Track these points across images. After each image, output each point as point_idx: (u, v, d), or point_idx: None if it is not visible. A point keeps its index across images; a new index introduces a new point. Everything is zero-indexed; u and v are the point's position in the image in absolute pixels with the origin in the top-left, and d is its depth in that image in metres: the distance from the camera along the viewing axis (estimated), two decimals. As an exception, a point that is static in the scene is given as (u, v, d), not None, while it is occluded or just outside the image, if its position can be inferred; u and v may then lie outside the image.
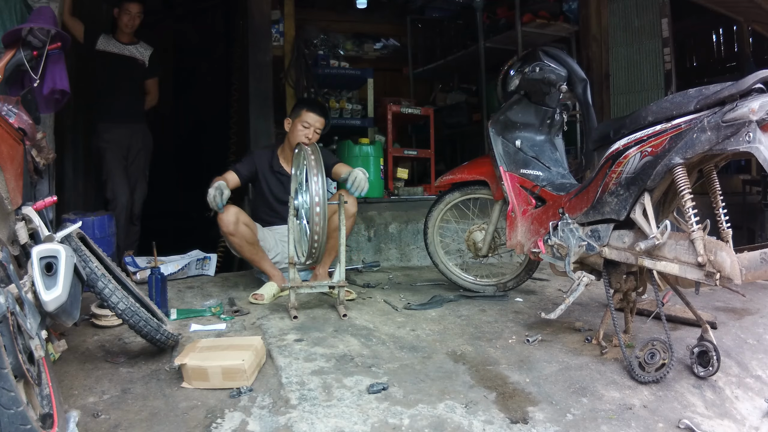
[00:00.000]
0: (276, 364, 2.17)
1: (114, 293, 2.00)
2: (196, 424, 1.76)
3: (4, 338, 1.33)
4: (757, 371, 2.29)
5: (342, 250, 2.83)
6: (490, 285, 3.19)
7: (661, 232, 2.05)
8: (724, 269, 1.88)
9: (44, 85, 2.47)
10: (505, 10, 5.38)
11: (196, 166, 7.16)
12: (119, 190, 4.08)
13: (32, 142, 2.12)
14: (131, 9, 4.02)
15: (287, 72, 4.34)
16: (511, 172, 2.82)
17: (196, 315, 2.72)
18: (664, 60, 4.78)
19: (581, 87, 2.66)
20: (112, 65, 4.05)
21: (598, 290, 3.01)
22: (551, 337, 2.51)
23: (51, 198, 2.01)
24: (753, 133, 1.79)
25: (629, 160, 2.18)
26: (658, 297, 2.18)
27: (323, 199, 2.53)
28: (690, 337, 2.41)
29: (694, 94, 2.01)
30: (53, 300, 1.54)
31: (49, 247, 1.59)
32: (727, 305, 2.99)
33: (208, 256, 3.69)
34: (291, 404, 1.87)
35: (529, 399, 1.98)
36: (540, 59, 2.70)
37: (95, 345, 2.34)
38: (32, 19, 2.48)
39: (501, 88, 2.97)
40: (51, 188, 2.41)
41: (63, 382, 1.95)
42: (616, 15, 5.10)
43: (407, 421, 1.80)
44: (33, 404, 1.45)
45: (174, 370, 2.07)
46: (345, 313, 2.72)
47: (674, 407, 1.97)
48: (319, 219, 2.52)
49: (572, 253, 2.39)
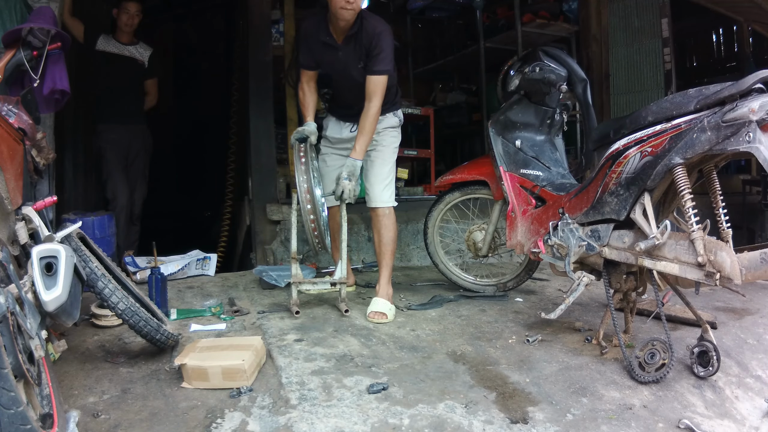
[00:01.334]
0: (276, 364, 2.17)
1: (114, 293, 2.00)
2: (196, 424, 1.76)
3: (4, 338, 1.33)
4: (757, 371, 2.29)
5: (344, 246, 2.84)
6: (490, 285, 3.19)
7: (661, 232, 2.05)
8: (724, 269, 1.88)
9: (44, 85, 2.47)
10: (505, 10, 5.38)
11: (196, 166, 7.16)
12: (119, 190, 4.09)
13: (32, 142, 2.12)
14: (130, 8, 4.02)
15: (287, 72, 4.33)
16: (511, 172, 2.82)
17: (196, 315, 2.72)
18: (664, 60, 4.78)
19: (581, 87, 2.66)
20: (112, 65, 4.06)
21: (598, 290, 3.01)
22: (551, 337, 2.51)
23: (51, 198, 2.01)
24: (753, 133, 1.79)
25: (629, 160, 2.18)
26: (658, 297, 2.18)
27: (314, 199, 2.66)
28: (690, 337, 2.41)
29: (694, 94, 2.01)
30: (53, 300, 1.54)
31: (49, 247, 1.59)
32: (727, 305, 2.99)
33: (208, 256, 3.69)
34: (291, 404, 1.87)
35: (529, 399, 1.98)
36: (540, 59, 2.71)
37: (95, 345, 2.34)
38: (32, 19, 2.48)
39: (501, 88, 2.97)
40: (51, 188, 2.41)
41: (63, 382, 1.95)
42: (616, 15, 5.10)
43: (407, 421, 1.80)
44: (33, 404, 1.45)
45: (174, 370, 2.07)
46: (347, 309, 2.75)
47: (674, 407, 1.97)
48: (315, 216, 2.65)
49: (572, 253, 2.39)
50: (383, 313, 2.74)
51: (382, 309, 2.75)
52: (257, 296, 3.11)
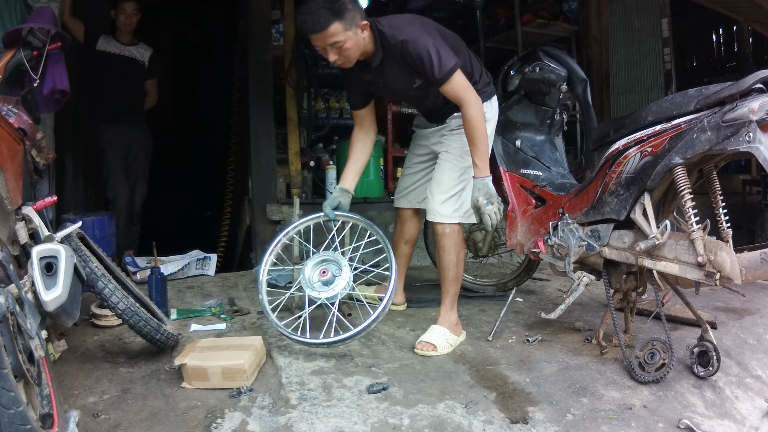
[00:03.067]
0: (276, 364, 2.17)
1: (114, 293, 2.00)
2: (196, 424, 1.76)
3: (4, 338, 1.33)
4: (757, 371, 2.29)
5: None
6: (490, 285, 3.19)
7: (661, 232, 2.05)
8: (724, 269, 1.88)
9: (44, 85, 2.47)
10: (505, 10, 5.37)
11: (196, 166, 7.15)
12: (119, 190, 4.10)
13: (32, 142, 2.12)
14: (126, 8, 4.03)
15: (287, 72, 4.33)
16: (511, 172, 2.82)
17: (196, 315, 2.72)
18: (664, 60, 4.77)
19: (581, 87, 2.66)
20: (112, 66, 4.06)
21: (598, 290, 3.00)
22: (551, 337, 2.51)
23: (51, 198, 2.00)
24: (753, 133, 1.79)
25: (629, 160, 2.18)
26: (658, 297, 2.18)
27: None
28: (690, 337, 2.41)
29: (694, 94, 2.01)
30: (53, 300, 1.53)
31: (49, 247, 1.59)
32: (727, 305, 2.99)
33: (208, 256, 3.69)
34: (291, 404, 1.87)
35: (529, 399, 1.98)
36: (540, 59, 2.71)
37: (95, 345, 2.34)
38: (32, 19, 2.48)
39: (501, 88, 2.97)
40: (51, 188, 2.41)
41: (63, 382, 1.95)
42: (616, 15, 5.10)
43: (407, 421, 1.80)
44: (33, 404, 1.45)
45: (174, 370, 2.07)
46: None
47: (674, 407, 1.97)
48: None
49: (572, 253, 2.38)
50: (432, 344, 2.30)
51: (431, 339, 2.33)
52: (257, 296, 3.11)
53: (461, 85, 2.25)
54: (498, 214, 2.29)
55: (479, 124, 2.25)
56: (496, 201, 2.29)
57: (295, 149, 4.28)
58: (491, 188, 2.30)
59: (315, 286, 2.32)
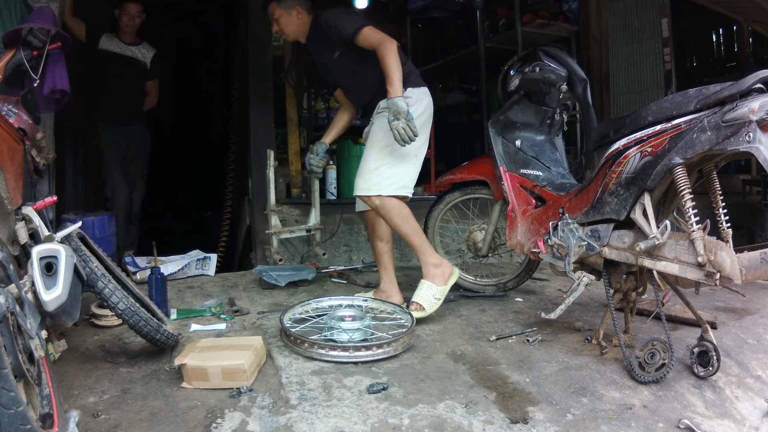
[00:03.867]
0: (276, 364, 2.17)
1: (114, 293, 2.00)
2: (196, 424, 1.76)
3: (4, 338, 1.33)
4: (757, 371, 2.29)
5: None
6: (490, 285, 3.19)
7: (661, 232, 2.05)
8: (724, 269, 1.88)
9: (44, 85, 2.47)
10: (505, 10, 5.38)
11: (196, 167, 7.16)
12: (118, 189, 4.10)
13: (32, 142, 2.12)
14: (130, 9, 4.03)
15: (287, 72, 4.33)
16: (511, 172, 2.82)
17: (196, 315, 2.73)
18: (664, 60, 4.78)
19: (581, 87, 2.66)
20: (113, 65, 4.06)
21: (598, 290, 3.00)
22: (551, 337, 2.51)
23: (51, 198, 2.00)
24: (753, 133, 1.79)
25: (629, 160, 2.18)
26: (658, 297, 2.18)
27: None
28: (690, 337, 2.42)
29: (694, 94, 2.01)
30: (53, 300, 1.53)
31: (49, 247, 1.59)
32: (727, 305, 2.99)
33: (208, 256, 3.69)
34: (291, 404, 1.87)
35: (529, 399, 1.98)
36: (540, 59, 2.71)
37: (95, 345, 2.34)
38: (32, 19, 2.48)
39: (501, 88, 2.97)
40: (51, 188, 2.41)
41: (63, 382, 1.95)
42: (616, 15, 5.10)
43: (407, 421, 1.80)
44: (33, 404, 1.45)
45: (174, 370, 2.07)
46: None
47: (674, 407, 1.97)
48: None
49: (572, 253, 2.39)
50: (419, 304, 2.59)
51: (418, 299, 2.63)
52: (257, 296, 3.11)
53: (371, 32, 2.61)
54: (406, 129, 2.47)
55: (391, 56, 2.55)
56: (404, 117, 2.48)
57: (295, 149, 4.28)
58: (401, 106, 2.49)
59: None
